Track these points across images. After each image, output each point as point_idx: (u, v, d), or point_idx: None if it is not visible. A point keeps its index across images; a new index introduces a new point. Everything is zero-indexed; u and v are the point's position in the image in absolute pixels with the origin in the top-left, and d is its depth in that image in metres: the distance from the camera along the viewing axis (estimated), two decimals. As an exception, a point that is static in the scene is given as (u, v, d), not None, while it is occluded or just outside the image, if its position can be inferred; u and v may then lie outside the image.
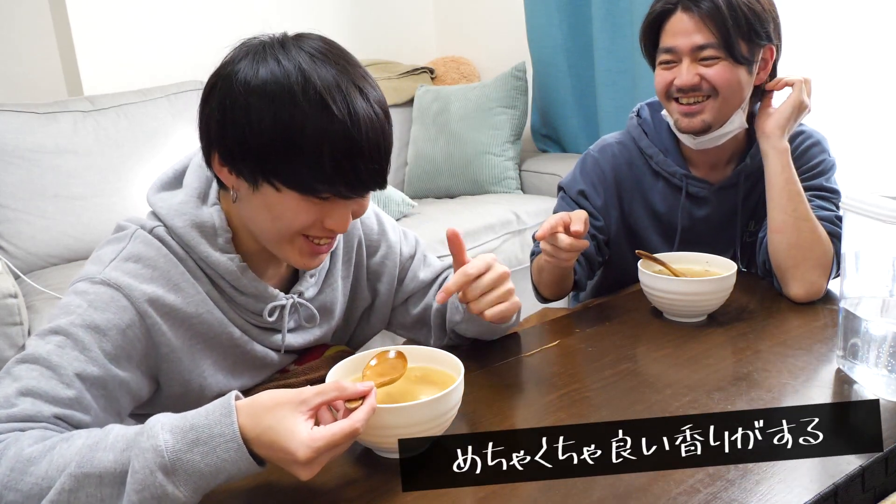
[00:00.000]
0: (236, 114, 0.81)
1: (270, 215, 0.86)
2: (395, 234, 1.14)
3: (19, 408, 0.76)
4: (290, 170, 0.81)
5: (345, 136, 0.80)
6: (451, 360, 0.89)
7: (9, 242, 2.14)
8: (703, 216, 1.39)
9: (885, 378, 0.94)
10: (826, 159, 1.34)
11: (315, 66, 0.81)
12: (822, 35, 2.18)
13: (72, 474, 0.69)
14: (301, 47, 0.83)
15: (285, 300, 0.97)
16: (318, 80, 0.80)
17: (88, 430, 0.75)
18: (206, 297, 0.92)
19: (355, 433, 0.72)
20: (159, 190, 0.97)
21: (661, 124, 1.40)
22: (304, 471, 0.71)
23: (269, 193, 0.84)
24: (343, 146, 0.80)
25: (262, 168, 0.82)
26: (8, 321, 1.63)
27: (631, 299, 1.32)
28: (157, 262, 0.89)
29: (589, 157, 1.43)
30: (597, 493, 0.76)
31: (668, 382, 0.99)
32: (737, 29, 1.22)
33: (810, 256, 1.22)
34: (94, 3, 2.51)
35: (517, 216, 2.53)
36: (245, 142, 0.81)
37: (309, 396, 0.72)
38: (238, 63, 0.83)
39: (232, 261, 0.91)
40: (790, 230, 1.23)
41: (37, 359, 0.79)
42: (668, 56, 1.27)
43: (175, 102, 2.50)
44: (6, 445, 0.72)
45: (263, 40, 0.85)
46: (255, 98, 0.80)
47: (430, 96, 2.90)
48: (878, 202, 0.89)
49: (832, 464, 0.78)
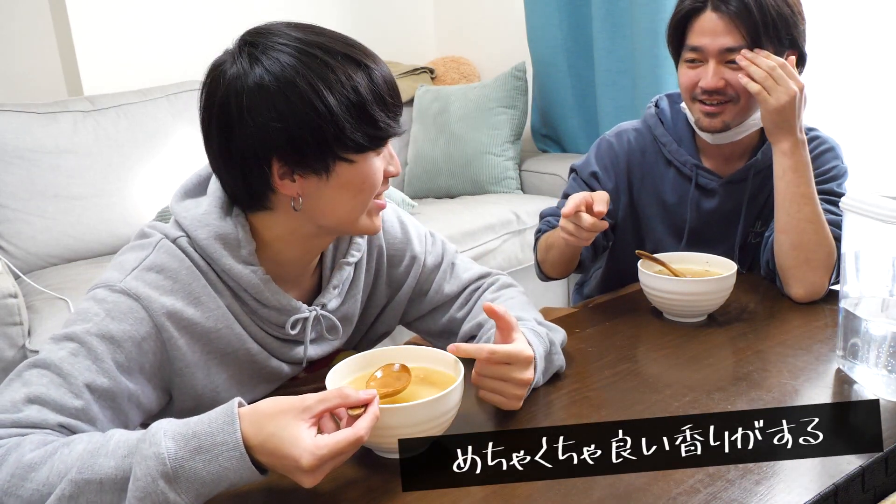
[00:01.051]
0: (293, 108, 0.82)
1: (351, 192, 0.88)
2: (421, 245, 1.11)
3: (24, 414, 0.75)
4: (356, 133, 0.84)
5: (377, 81, 0.86)
6: (451, 360, 0.89)
7: (9, 242, 2.14)
8: (711, 209, 1.39)
9: (885, 378, 0.94)
10: (839, 165, 1.34)
11: (320, 39, 0.85)
12: (821, 35, 2.18)
13: (72, 480, 0.69)
14: (287, 32, 0.86)
15: (308, 312, 0.96)
16: (331, 45, 0.85)
17: (90, 435, 0.74)
18: (226, 311, 0.90)
19: (359, 441, 0.72)
20: (183, 197, 0.95)
21: (678, 115, 1.41)
22: (308, 478, 0.71)
23: (344, 171, 0.87)
24: (378, 90, 0.86)
25: (323, 150, 0.84)
26: (8, 321, 1.63)
27: (631, 299, 1.32)
28: (179, 273, 0.88)
29: (604, 140, 1.45)
30: (597, 493, 0.76)
31: (668, 382, 0.99)
32: (765, 31, 1.21)
33: (812, 258, 1.22)
34: (94, 3, 2.51)
35: (517, 216, 2.53)
36: (310, 128, 0.83)
37: (312, 404, 0.72)
38: (252, 70, 0.84)
39: (255, 273, 0.90)
40: (793, 231, 1.23)
41: (49, 364, 0.78)
42: (693, 55, 1.27)
43: (175, 102, 2.50)
44: (7, 451, 0.72)
45: (238, 47, 0.88)
46: (291, 88, 0.82)
47: (430, 96, 2.90)
48: (878, 202, 0.89)
49: (832, 464, 0.78)
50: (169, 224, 0.92)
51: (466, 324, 1.09)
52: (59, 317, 1.74)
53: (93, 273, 2.03)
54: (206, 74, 0.89)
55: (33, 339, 1.67)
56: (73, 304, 1.78)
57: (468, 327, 1.08)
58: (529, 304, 1.11)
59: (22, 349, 1.64)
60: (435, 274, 1.12)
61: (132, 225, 2.29)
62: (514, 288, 1.15)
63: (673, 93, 1.45)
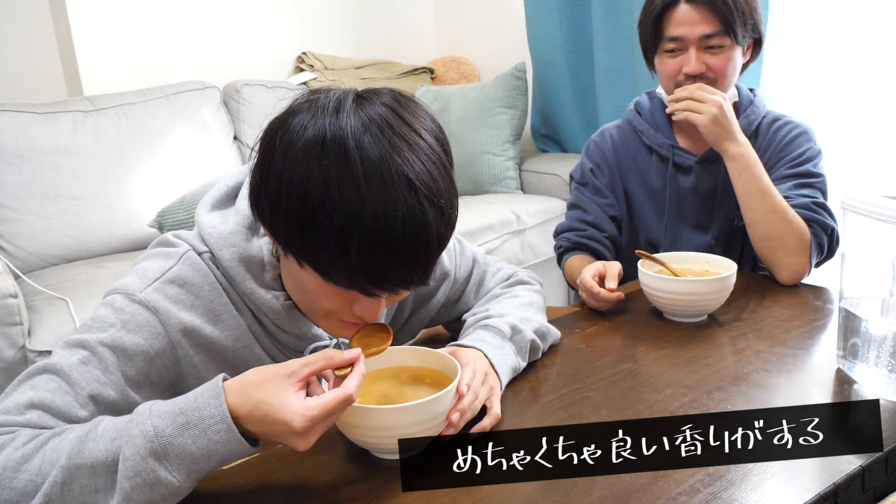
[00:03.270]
0: (271, 179, 0.74)
1: (297, 287, 0.82)
2: (451, 261, 1.09)
3: (25, 418, 0.75)
4: (311, 251, 0.75)
5: (376, 231, 0.71)
6: (449, 360, 0.89)
7: (9, 242, 2.14)
8: (690, 187, 1.46)
9: (885, 378, 0.94)
10: (812, 147, 1.41)
11: (363, 140, 0.71)
12: (821, 35, 2.18)
13: (63, 466, 0.69)
14: (358, 112, 0.73)
15: (329, 340, 0.95)
16: (359, 160, 0.70)
17: (81, 425, 0.74)
18: (247, 331, 0.89)
19: (349, 400, 0.71)
20: (211, 209, 0.92)
21: (654, 104, 1.51)
22: (301, 441, 0.70)
23: (294, 265, 0.78)
24: (373, 243, 0.71)
25: (286, 239, 0.76)
26: (8, 321, 1.63)
27: (631, 299, 1.32)
28: (202, 289, 0.86)
29: (591, 142, 1.56)
30: (597, 493, 0.76)
31: (668, 382, 0.99)
32: (736, 15, 1.32)
33: (785, 244, 1.31)
34: (94, 3, 2.51)
35: (517, 216, 2.53)
36: (274, 210, 0.75)
37: (297, 368, 0.72)
38: (292, 117, 0.75)
39: (277, 299, 0.87)
40: (761, 223, 1.32)
41: (58, 371, 0.78)
42: (673, 45, 1.37)
43: (175, 102, 2.50)
44: (0, 445, 0.72)
45: (324, 98, 0.75)
46: (289, 167, 0.72)
47: (430, 96, 2.90)
48: (878, 202, 0.89)
49: (832, 464, 0.78)
50: (193, 234, 0.90)
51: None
52: (60, 317, 1.74)
53: (93, 273, 2.03)
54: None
55: (33, 339, 1.67)
56: (74, 304, 1.78)
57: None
58: (531, 304, 1.11)
59: (22, 349, 1.64)
60: (465, 286, 1.13)
61: (132, 225, 2.29)
62: (526, 286, 1.16)
63: (651, 90, 1.54)
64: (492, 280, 1.16)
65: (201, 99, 2.57)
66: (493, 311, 1.06)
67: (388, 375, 0.90)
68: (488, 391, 0.91)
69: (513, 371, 1.01)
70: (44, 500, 0.69)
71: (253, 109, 2.66)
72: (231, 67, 2.82)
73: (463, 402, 0.84)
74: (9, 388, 0.79)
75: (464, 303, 1.13)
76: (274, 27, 2.94)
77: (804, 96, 2.24)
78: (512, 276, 1.17)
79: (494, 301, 1.11)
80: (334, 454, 0.86)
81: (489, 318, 1.03)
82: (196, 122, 2.52)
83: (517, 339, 1.02)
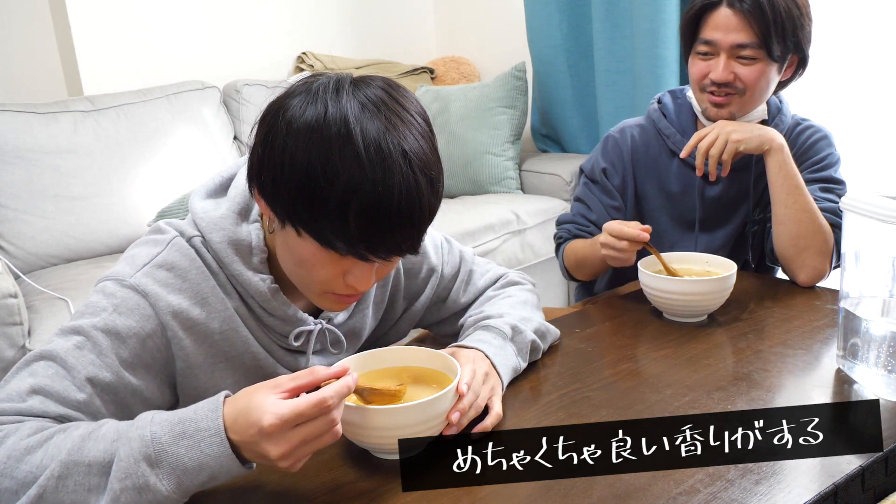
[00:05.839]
0: (274, 152, 0.78)
1: (293, 258, 0.84)
2: (438, 256, 1.10)
3: (28, 404, 0.77)
4: (312, 218, 0.78)
5: (374, 199, 0.75)
6: (449, 361, 0.89)
7: (9, 242, 2.14)
8: (716, 196, 1.44)
9: (885, 378, 0.94)
10: (833, 153, 1.40)
11: (362, 117, 0.76)
12: (822, 35, 2.18)
13: (62, 461, 0.70)
14: (356, 93, 0.78)
15: (313, 325, 0.96)
16: (359, 133, 0.75)
17: (87, 423, 0.75)
18: (233, 314, 0.90)
19: (323, 404, 0.70)
20: (204, 197, 0.95)
21: (681, 108, 1.46)
22: (272, 446, 0.68)
23: (291, 236, 0.81)
24: (371, 209, 0.75)
25: (286, 209, 0.79)
26: (8, 321, 1.63)
27: (631, 299, 1.32)
28: (189, 273, 0.88)
29: (610, 137, 1.51)
30: (597, 493, 0.76)
31: (668, 382, 0.99)
32: (775, 30, 1.27)
33: (812, 245, 1.29)
34: (94, 3, 2.51)
35: (517, 216, 2.53)
36: (277, 180, 0.78)
37: (283, 381, 0.72)
38: (291, 98, 0.79)
39: (264, 282, 0.90)
40: (791, 222, 1.30)
41: (55, 356, 0.80)
42: (706, 48, 1.33)
43: (175, 102, 2.50)
44: (6, 434, 0.74)
45: (322, 81, 0.80)
46: (292, 140, 0.76)
47: (430, 96, 2.90)
48: (878, 202, 0.89)
49: (832, 464, 0.78)
50: (185, 221, 0.93)
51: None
52: (60, 317, 1.74)
53: (93, 273, 2.03)
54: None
55: (33, 339, 1.67)
56: (74, 304, 1.78)
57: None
58: (525, 303, 1.11)
59: (22, 349, 1.64)
60: (452, 283, 1.13)
61: (132, 225, 2.29)
62: (518, 286, 1.15)
63: (675, 89, 1.51)
64: (481, 280, 1.15)
65: (201, 99, 2.57)
66: (492, 311, 1.06)
67: (389, 375, 0.90)
68: (489, 391, 0.91)
69: (514, 371, 1.01)
70: (38, 492, 0.70)
71: (253, 109, 2.66)
72: (231, 67, 2.82)
73: (463, 401, 0.84)
74: (7, 376, 0.81)
75: (452, 301, 1.13)
76: (274, 27, 2.94)
77: (804, 96, 2.24)
78: (502, 278, 1.17)
79: (489, 303, 1.11)
80: (334, 454, 0.86)
81: (489, 319, 1.04)
82: (196, 122, 2.52)
83: (518, 339, 1.02)
